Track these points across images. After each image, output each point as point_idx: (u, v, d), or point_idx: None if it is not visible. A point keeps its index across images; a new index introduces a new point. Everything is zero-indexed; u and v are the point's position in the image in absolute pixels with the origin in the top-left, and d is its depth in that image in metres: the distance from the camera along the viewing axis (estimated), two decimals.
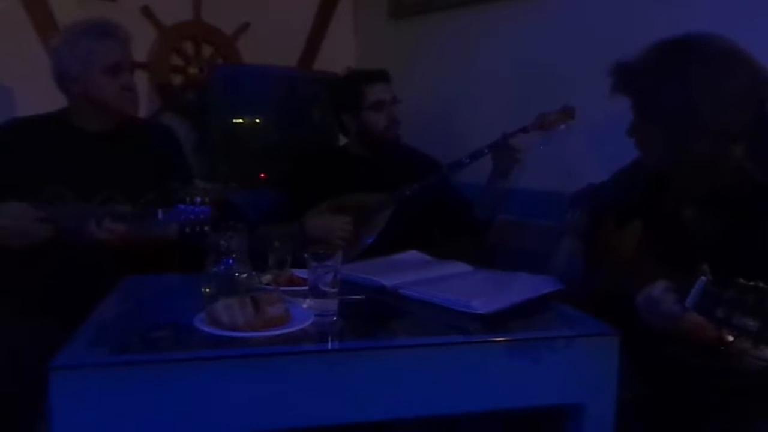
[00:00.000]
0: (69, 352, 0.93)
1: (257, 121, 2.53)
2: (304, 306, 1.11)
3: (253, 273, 1.22)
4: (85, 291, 1.20)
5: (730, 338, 0.92)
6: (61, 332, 1.00)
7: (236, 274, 1.17)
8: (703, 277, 0.87)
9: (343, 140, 2.16)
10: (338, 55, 2.84)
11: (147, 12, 2.57)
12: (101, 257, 1.40)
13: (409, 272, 1.36)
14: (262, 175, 2.42)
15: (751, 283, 0.82)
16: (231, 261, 1.17)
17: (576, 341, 1.07)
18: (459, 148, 1.94)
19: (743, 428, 1.08)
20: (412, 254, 1.57)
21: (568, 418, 1.09)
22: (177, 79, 2.67)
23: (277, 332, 1.01)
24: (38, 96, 1.59)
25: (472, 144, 1.84)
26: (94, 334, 1.02)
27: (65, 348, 0.94)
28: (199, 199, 1.31)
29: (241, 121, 2.50)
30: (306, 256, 1.11)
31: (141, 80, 2.54)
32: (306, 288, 1.14)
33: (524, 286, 1.23)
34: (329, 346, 1.02)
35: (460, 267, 1.45)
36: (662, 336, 1.04)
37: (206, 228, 1.32)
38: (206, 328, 1.02)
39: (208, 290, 1.16)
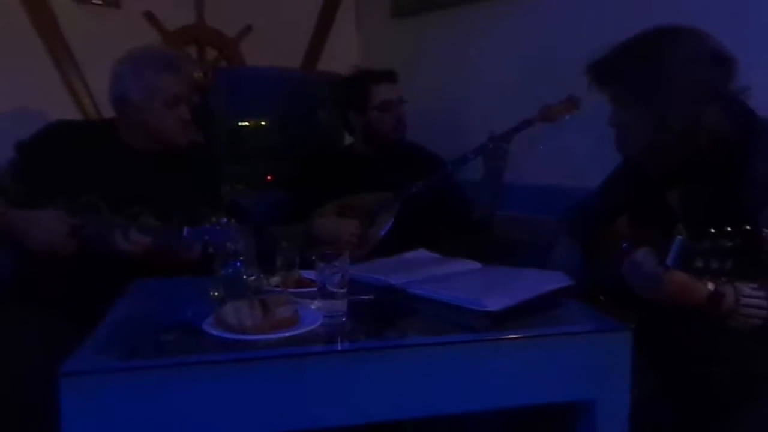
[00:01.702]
0: (79, 358, 0.93)
1: (262, 123, 2.53)
2: (313, 307, 1.11)
3: (261, 275, 1.22)
4: (97, 294, 1.21)
5: (711, 286, 0.96)
6: (74, 335, 1.00)
7: (244, 276, 1.17)
8: (679, 237, 0.92)
9: (348, 140, 2.16)
10: (342, 55, 2.83)
11: (150, 16, 2.57)
12: (124, 268, 1.42)
13: (418, 271, 1.35)
14: (269, 176, 2.42)
15: (723, 229, 0.87)
16: (239, 263, 1.17)
17: (587, 337, 1.06)
18: (462, 146, 1.94)
19: (751, 420, 1.07)
20: (419, 253, 1.57)
21: (580, 414, 1.09)
22: None
23: (287, 334, 1.01)
24: (42, 101, 1.60)
25: (476, 141, 1.84)
26: (104, 339, 1.02)
27: (75, 353, 0.94)
28: (225, 221, 1.31)
29: (246, 123, 2.50)
30: (314, 257, 1.11)
31: None
32: (314, 289, 1.13)
33: (534, 283, 1.22)
34: (339, 347, 1.02)
35: (469, 264, 1.44)
36: (665, 319, 1.05)
37: (230, 245, 1.32)
38: (215, 331, 1.01)
39: (216, 293, 1.17)
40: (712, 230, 0.88)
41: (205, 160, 1.79)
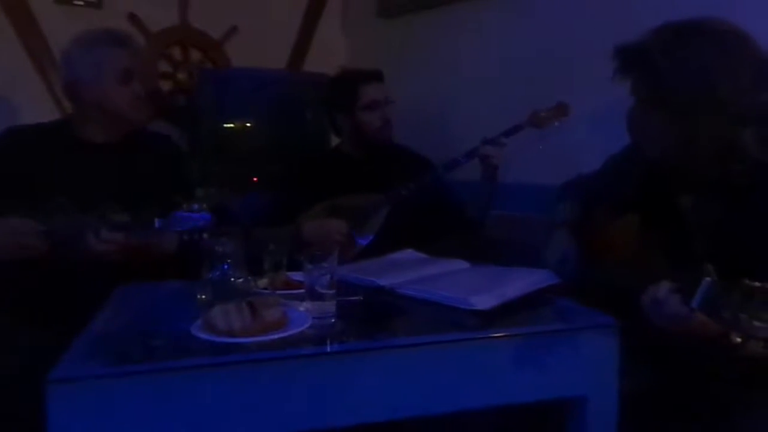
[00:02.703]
0: (66, 365, 0.92)
1: (248, 124, 2.51)
2: (302, 309, 1.11)
3: (249, 278, 1.21)
4: (82, 301, 1.19)
5: (738, 339, 0.91)
6: (59, 343, 0.99)
7: (232, 279, 1.16)
8: (707, 278, 0.86)
9: (335, 140, 2.16)
10: (328, 55, 2.83)
11: (133, 18, 2.55)
12: (100, 267, 1.39)
13: (406, 271, 1.35)
14: (255, 178, 2.41)
15: (757, 284, 0.80)
16: (226, 266, 1.16)
17: (576, 334, 1.07)
18: (450, 147, 1.94)
19: (750, 418, 1.08)
20: (408, 253, 1.57)
21: (571, 410, 1.09)
22: (166, 85, 2.66)
23: (275, 336, 1.00)
24: (21, 101, 1.58)
25: (463, 142, 1.84)
26: (91, 345, 1.01)
27: (62, 360, 0.93)
28: (196, 206, 1.29)
29: (231, 125, 2.48)
30: (302, 258, 1.11)
31: None
32: (303, 291, 1.13)
33: (522, 281, 1.22)
34: (328, 348, 1.01)
35: (457, 264, 1.44)
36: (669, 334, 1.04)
37: (205, 235, 1.31)
38: (203, 335, 1.01)
39: (204, 297, 1.16)
40: (746, 281, 0.81)
41: (168, 148, 1.77)
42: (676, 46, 1.06)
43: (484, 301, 1.12)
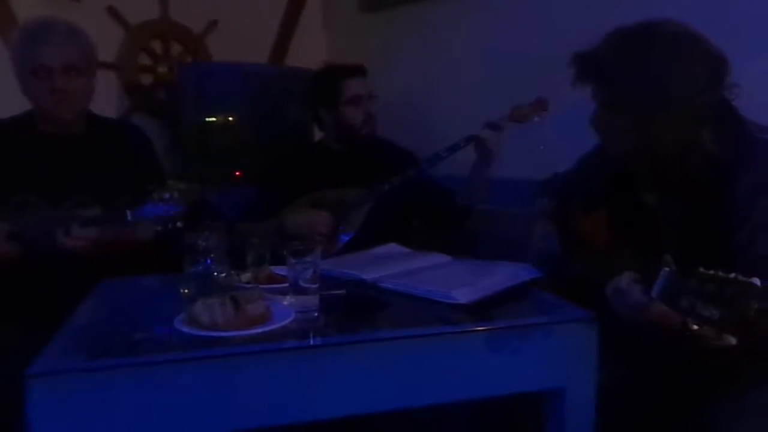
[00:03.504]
0: (45, 359, 0.91)
1: (230, 118, 2.50)
2: (285, 303, 1.11)
3: (232, 272, 1.21)
4: (59, 297, 1.18)
5: (695, 327, 0.94)
6: (39, 339, 0.98)
7: (215, 273, 1.16)
8: (666, 268, 0.90)
9: (318, 135, 2.16)
10: (309, 50, 2.82)
11: (112, 11, 2.52)
12: (76, 263, 1.38)
13: (389, 265, 1.36)
14: (237, 173, 2.40)
15: (711, 272, 0.84)
16: (209, 261, 1.17)
17: (555, 327, 1.08)
18: (432, 141, 1.95)
19: (721, 407, 1.11)
20: (390, 247, 1.58)
21: (549, 402, 1.11)
22: (146, 79, 2.64)
23: (259, 330, 1.00)
24: (2, 97, 1.56)
25: (446, 136, 1.85)
26: (72, 340, 1.01)
27: (41, 355, 0.92)
28: (167, 195, 1.27)
29: (213, 119, 2.47)
30: (285, 252, 1.11)
31: (110, 80, 2.51)
32: (286, 285, 1.13)
33: (504, 275, 1.24)
34: (311, 342, 1.02)
35: (439, 258, 1.46)
36: (633, 324, 1.07)
37: (179, 224, 1.29)
38: (186, 329, 1.01)
39: (186, 291, 1.16)
40: (701, 270, 0.85)
41: (136, 137, 1.74)
42: (627, 52, 1.09)
43: (465, 295, 1.13)
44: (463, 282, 1.19)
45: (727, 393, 1.10)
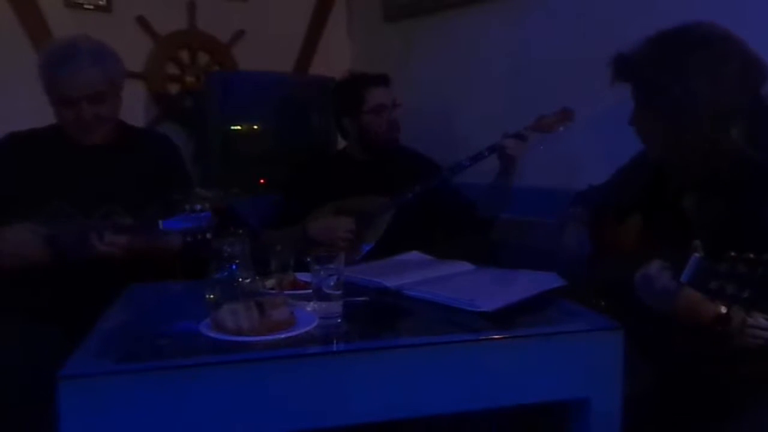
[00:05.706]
0: (76, 362, 0.93)
1: (255, 127, 2.54)
2: (309, 309, 1.12)
3: (257, 278, 1.22)
4: (89, 301, 1.20)
5: (723, 309, 0.95)
6: (67, 343, 1.00)
7: (239, 279, 1.18)
8: (696, 254, 0.91)
9: (341, 143, 2.17)
10: (334, 59, 2.85)
11: (142, 21, 2.58)
12: (105, 269, 1.40)
13: (412, 273, 1.36)
14: (262, 180, 2.42)
15: (742, 255, 0.85)
16: (234, 267, 1.18)
17: (580, 336, 1.07)
18: (456, 150, 1.95)
19: (754, 417, 1.08)
20: (413, 255, 1.58)
21: (574, 412, 1.10)
22: (174, 88, 2.69)
23: (283, 336, 1.01)
24: (33, 106, 1.60)
25: (470, 145, 1.85)
26: (101, 343, 1.03)
27: (73, 357, 0.94)
28: (198, 207, 1.30)
29: (239, 127, 2.50)
30: (309, 259, 1.12)
31: (138, 89, 2.56)
32: (310, 291, 1.14)
33: (527, 283, 1.23)
34: (335, 347, 1.02)
35: (463, 266, 1.45)
36: (667, 326, 1.05)
37: (208, 235, 1.32)
38: (212, 334, 1.02)
39: (212, 296, 1.17)
40: (732, 254, 0.86)
41: (165, 146, 1.75)
42: (662, 55, 1.13)
43: (489, 303, 1.13)
44: (486, 290, 1.19)
45: (761, 402, 1.08)
